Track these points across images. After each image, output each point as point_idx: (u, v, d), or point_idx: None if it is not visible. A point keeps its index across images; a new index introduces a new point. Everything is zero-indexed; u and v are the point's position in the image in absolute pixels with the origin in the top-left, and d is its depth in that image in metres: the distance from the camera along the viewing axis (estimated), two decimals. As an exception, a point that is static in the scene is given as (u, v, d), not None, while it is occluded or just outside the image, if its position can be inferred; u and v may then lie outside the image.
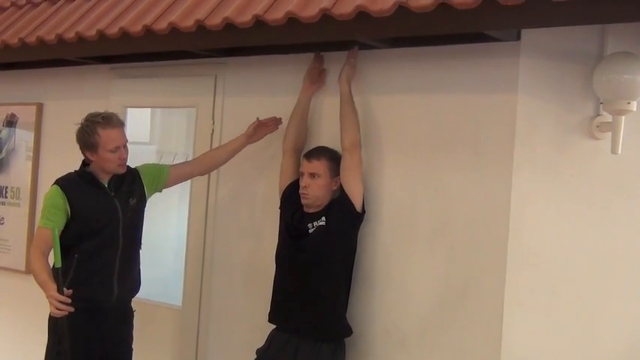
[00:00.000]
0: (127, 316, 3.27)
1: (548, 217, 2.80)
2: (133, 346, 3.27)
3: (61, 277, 2.81)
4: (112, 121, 3.02)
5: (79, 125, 3.08)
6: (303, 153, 3.10)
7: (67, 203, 3.02)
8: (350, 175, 2.93)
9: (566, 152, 2.84)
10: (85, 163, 3.14)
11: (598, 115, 2.88)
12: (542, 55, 2.74)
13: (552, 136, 2.81)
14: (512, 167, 2.68)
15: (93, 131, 2.99)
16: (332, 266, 2.95)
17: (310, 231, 2.97)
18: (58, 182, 3.12)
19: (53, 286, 2.82)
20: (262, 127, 3.27)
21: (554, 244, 2.82)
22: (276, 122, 3.27)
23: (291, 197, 3.11)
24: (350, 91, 2.96)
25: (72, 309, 2.81)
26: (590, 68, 2.80)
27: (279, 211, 3.15)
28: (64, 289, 2.81)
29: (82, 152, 3.11)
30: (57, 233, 2.85)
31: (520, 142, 2.69)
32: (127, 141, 3.11)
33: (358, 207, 2.93)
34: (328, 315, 2.96)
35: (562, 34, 2.73)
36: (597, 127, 2.87)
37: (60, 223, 3.00)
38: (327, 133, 3.16)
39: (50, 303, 2.83)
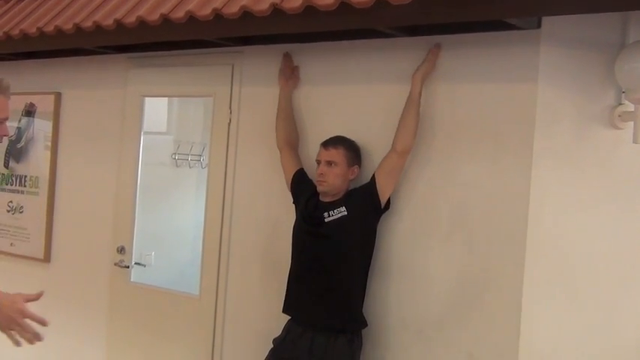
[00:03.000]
0: None
1: (568, 208, 2.78)
2: None
3: None
4: (7, 89, 2.40)
5: None
6: (321, 142, 3.07)
7: None
8: (390, 175, 2.89)
9: (586, 142, 2.81)
10: None
11: (619, 104, 2.85)
12: (563, 44, 2.70)
13: (573, 126, 2.78)
14: (532, 157, 2.65)
15: None
16: (350, 257, 2.94)
17: (326, 220, 2.96)
18: None
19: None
20: None
21: (574, 234, 2.80)
22: None
23: (300, 184, 3.14)
24: (420, 93, 2.83)
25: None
26: (612, 57, 2.76)
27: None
28: None
29: None
30: None
31: (540, 131, 2.66)
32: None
33: (383, 203, 2.92)
34: (344, 307, 2.94)
35: (583, 21, 2.70)
36: (619, 116, 2.84)
37: None
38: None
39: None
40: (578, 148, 2.79)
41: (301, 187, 3.14)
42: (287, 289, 3.09)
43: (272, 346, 3.08)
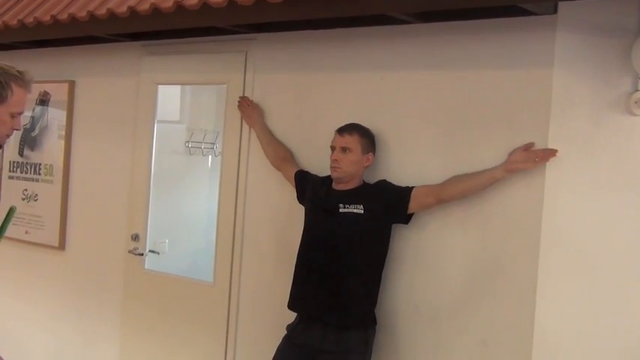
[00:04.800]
0: None
1: (583, 195, 2.76)
2: None
3: None
4: (29, 83, 2.35)
5: None
6: (335, 129, 3.06)
7: None
8: (420, 205, 2.88)
9: (602, 128, 2.79)
10: None
11: (636, 90, 2.82)
12: (579, 29, 2.68)
13: (588, 112, 2.75)
14: (547, 143, 2.64)
15: (7, 84, 2.28)
16: (360, 255, 2.93)
17: (341, 210, 2.95)
18: None
19: None
20: None
21: (589, 221, 2.78)
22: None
23: (303, 178, 3.19)
24: (499, 179, 2.72)
25: None
26: (629, 42, 2.73)
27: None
28: None
29: None
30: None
31: (555, 118, 2.65)
32: None
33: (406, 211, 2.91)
34: (350, 305, 2.93)
35: (600, 7, 2.67)
36: (635, 102, 2.80)
37: None
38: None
39: None
40: (593, 134, 2.77)
41: (304, 179, 3.19)
42: (293, 285, 3.08)
43: (285, 332, 3.09)
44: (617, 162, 2.83)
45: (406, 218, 2.92)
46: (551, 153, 2.63)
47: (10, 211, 2.45)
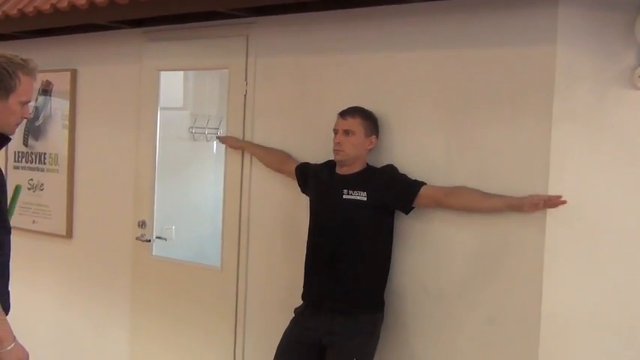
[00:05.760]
0: None
1: (589, 171, 2.75)
2: None
3: None
4: (34, 70, 2.34)
5: None
6: (338, 112, 3.06)
7: None
8: (423, 204, 2.89)
9: (606, 103, 2.77)
10: None
11: (640, 64, 2.81)
12: (581, 4, 2.66)
13: (592, 87, 2.74)
14: (552, 120, 2.64)
15: (14, 73, 2.26)
16: (365, 242, 2.93)
17: (344, 197, 2.95)
18: None
19: None
20: None
21: (595, 197, 2.78)
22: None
23: (304, 169, 3.20)
24: (503, 210, 2.75)
25: None
26: (632, 16, 2.71)
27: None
28: None
29: None
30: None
31: (559, 94, 2.64)
32: None
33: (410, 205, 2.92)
34: (360, 290, 2.94)
35: (602, -19, 2.65)
36: (639, 77, 2.79)
37: None
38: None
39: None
40: (598, 109, 2.76)
41: (305, 170, 3.20)
42: (304, 275, 3.08)
43: (294, 315, 3.11)
44: (622, 136, 2.82)
45: (407, 210, 2.93)
46: (558, 201, 2.64)
47: (16, 190, 2.50)
